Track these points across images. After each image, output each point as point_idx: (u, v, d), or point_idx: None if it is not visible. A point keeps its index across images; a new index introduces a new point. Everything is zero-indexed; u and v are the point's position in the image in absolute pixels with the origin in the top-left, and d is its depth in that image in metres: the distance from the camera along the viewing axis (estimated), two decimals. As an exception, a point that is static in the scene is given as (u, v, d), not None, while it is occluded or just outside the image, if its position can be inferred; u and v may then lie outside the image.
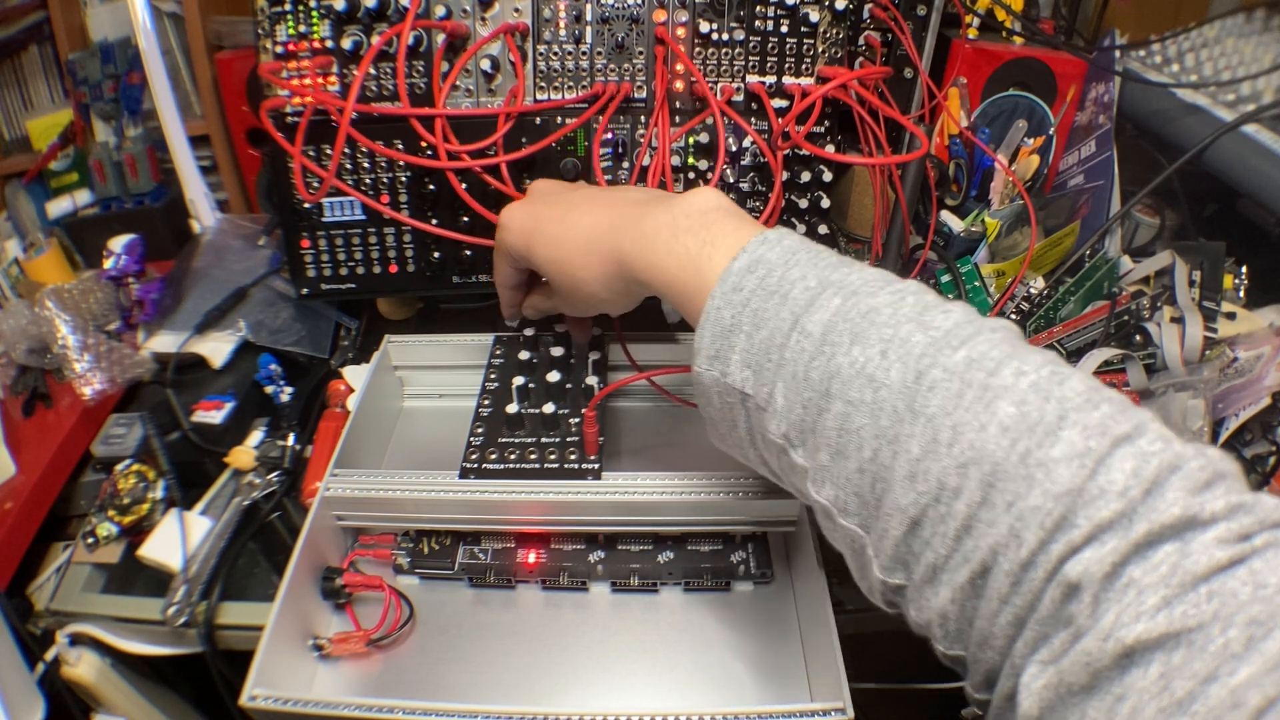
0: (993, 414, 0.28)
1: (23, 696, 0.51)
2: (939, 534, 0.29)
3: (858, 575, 0.35)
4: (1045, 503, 0.26)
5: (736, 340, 0.36)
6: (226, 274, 0.73)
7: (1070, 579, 0.25)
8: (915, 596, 0.31)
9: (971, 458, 0.28)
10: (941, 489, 0.29)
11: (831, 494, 0.33)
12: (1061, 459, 0.26)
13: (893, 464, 0.30)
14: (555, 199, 0.48)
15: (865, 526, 0.32)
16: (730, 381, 0.36)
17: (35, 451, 0.60)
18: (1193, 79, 0.74)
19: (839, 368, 0.32)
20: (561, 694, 0.48)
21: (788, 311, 0.34)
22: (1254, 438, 0.59)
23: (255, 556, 0.57)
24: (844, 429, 0.32)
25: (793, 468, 0.35)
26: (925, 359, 0.30)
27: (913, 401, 0.30)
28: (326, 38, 0.58)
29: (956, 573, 0.29)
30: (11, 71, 0.88)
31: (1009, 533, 0.27)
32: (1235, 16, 0.80)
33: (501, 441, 0.54)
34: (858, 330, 0.32)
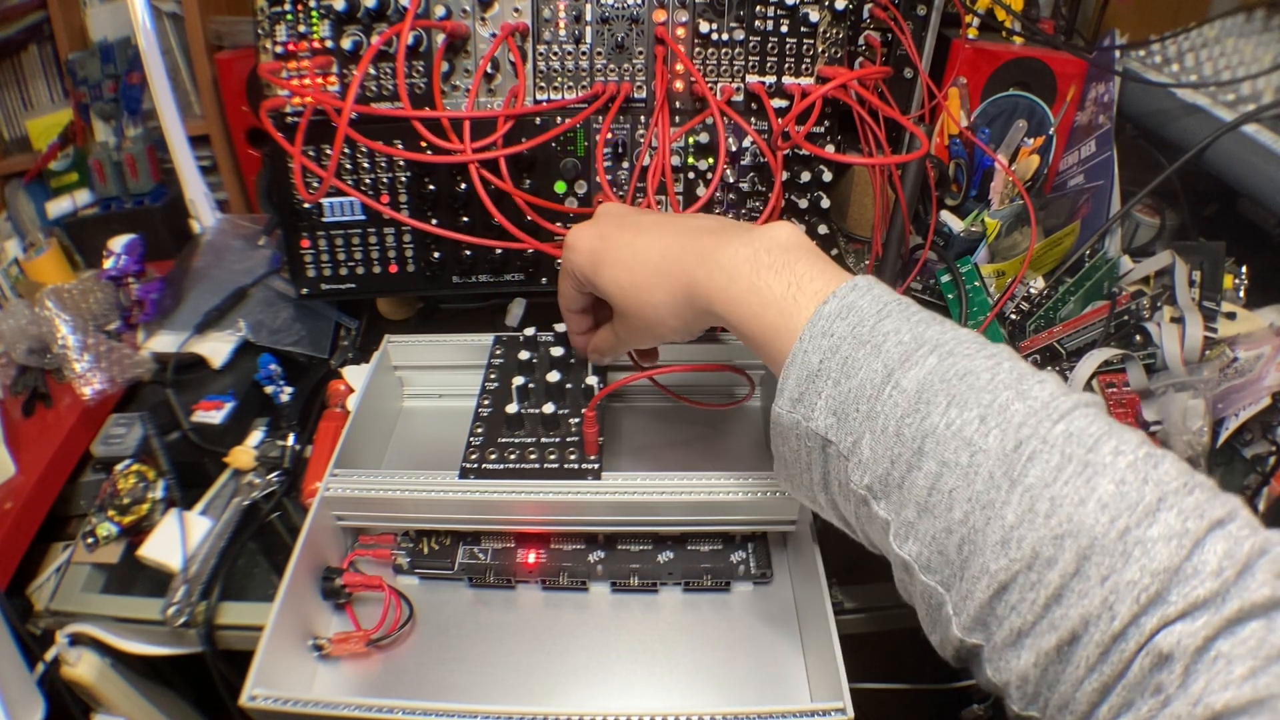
0: (1092, 490, 0.29)
1: (23, 696, 0.50)
2: (1027, 600, 0.29)
3: (928, 628, 0.35)
4: (1142, 578, 0.27)
5: (823, 386, 0.36)
6: (226, 274, 0.73)
7: (1162, 650, 0.26)
8: (994, 658, 0.31)
9: (1069, 530, 0.29)
10: (1035, 557, 0.29)
11: (915, 550, 0.33)
12: (1159, 538, 0.27)
13: (985, 529, 0.30)
14: (624, 222, 0.47)
15: (946, 585, 0.32)
16: (813, 426, 0.36)
17: (35, 451, 0.60)
18: (1193, 79, 0.74)
19: (934, 427, 0.32)
20: (561, 694, 0.48)
21: (880, 364, 0.34)
22: (1254, 438, 0.59)
23: (255, 556, 0.57)
24: (935, 488, 0.32)
25: (871, 518, 0.35)
26: (1025, 429, 0.31)
27: (1011, 469, 0.30)
28: (326, 38, 0.58)
29: (1042, 639, 0.29)
30: (11, 71, 0.88)
31: (1102, 604, 0.28)
32: (1235, 16, 0.80)
33: (501, 441, 0.54)
34: (955, 392, 0.32)
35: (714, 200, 0.65)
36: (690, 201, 0.64)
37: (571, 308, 0.52)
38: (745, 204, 0.65)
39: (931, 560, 0.33)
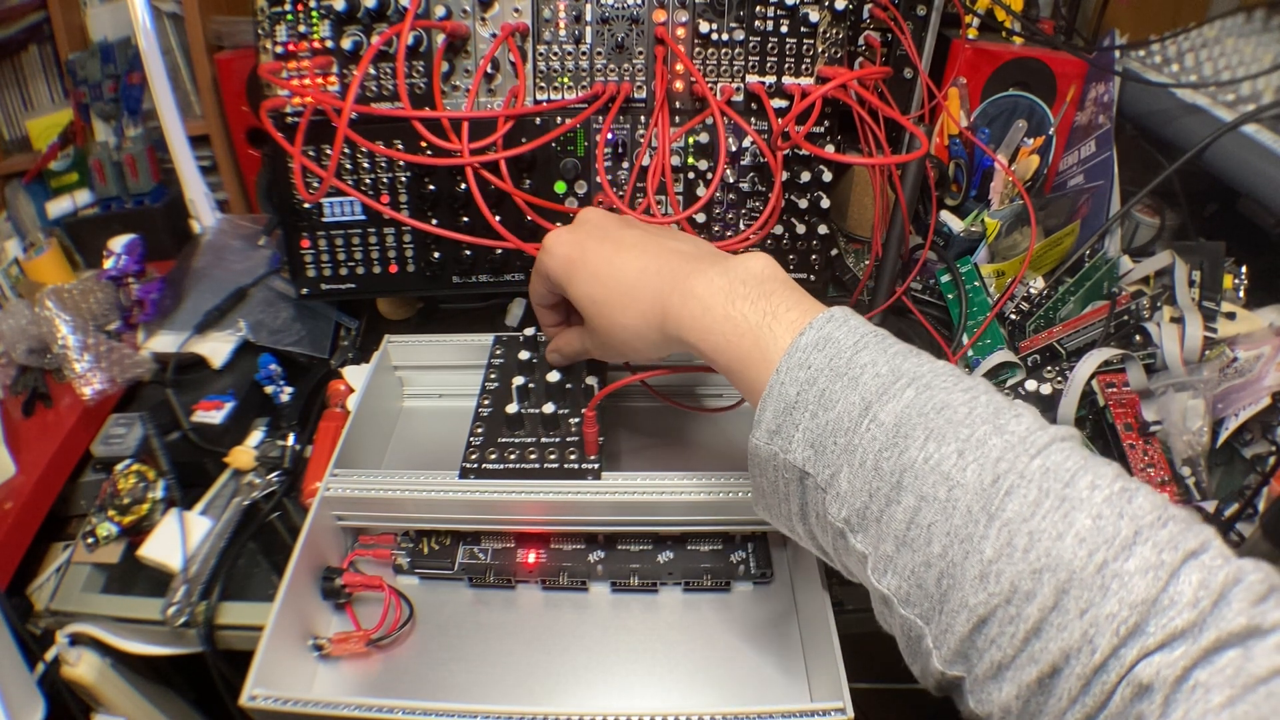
0: (1069, 524, 0.29)
1: (23, 696, 0.50)
2: (1007, 634, 0.30)
3: (909, 659, 0.35)
4: (1121, 611, 0.27)
5: (800, 418, 0.36)
6: (226, 274, 0.73)
7: (1142, 680, 0.27)
8: (975, 690, 0.32)
9: (1047, 564, 0.29)
10: (1014, 591, 0.29)
11: (894, 584, 0.33)
12: (1136, 571, 0.28)
13: (963, 563, 0.31)
14: (605, 234, 0.47)
15: (926, 618, 0.33)
16: (790, 459, 0.36)
17: (35, 451, 0.60)
18: (1193, 79, 0.74)
19: (912, 461, 0.32)
20: (561, 694, 0.48)
21: (858, 396, 0.34)
22: (1254, 438, 0.59)
23: (255, 556, 0.57)
24: (914, 523, 0.32)
25: (848, 550, 0.35)
26: (1002, 463, 0.31)
27: (989, 504, 0.30)
28: (326, 38, 0.58)
29: (1023, 671, 0.30)
30: (11, 71, 0.88)
31: (1082, 638, 0.28)
32: (1235, 16, 0.80)
33: (501, 441, 0.54)
34: (932, 426, 0.32)
35: (714, 200, 0.65)
36: (690, 201, 0.64)
37: (542, 304, 0.53)
38: (745, 204, 0.65)
39: (910, 594, 0.33)
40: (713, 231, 0.66)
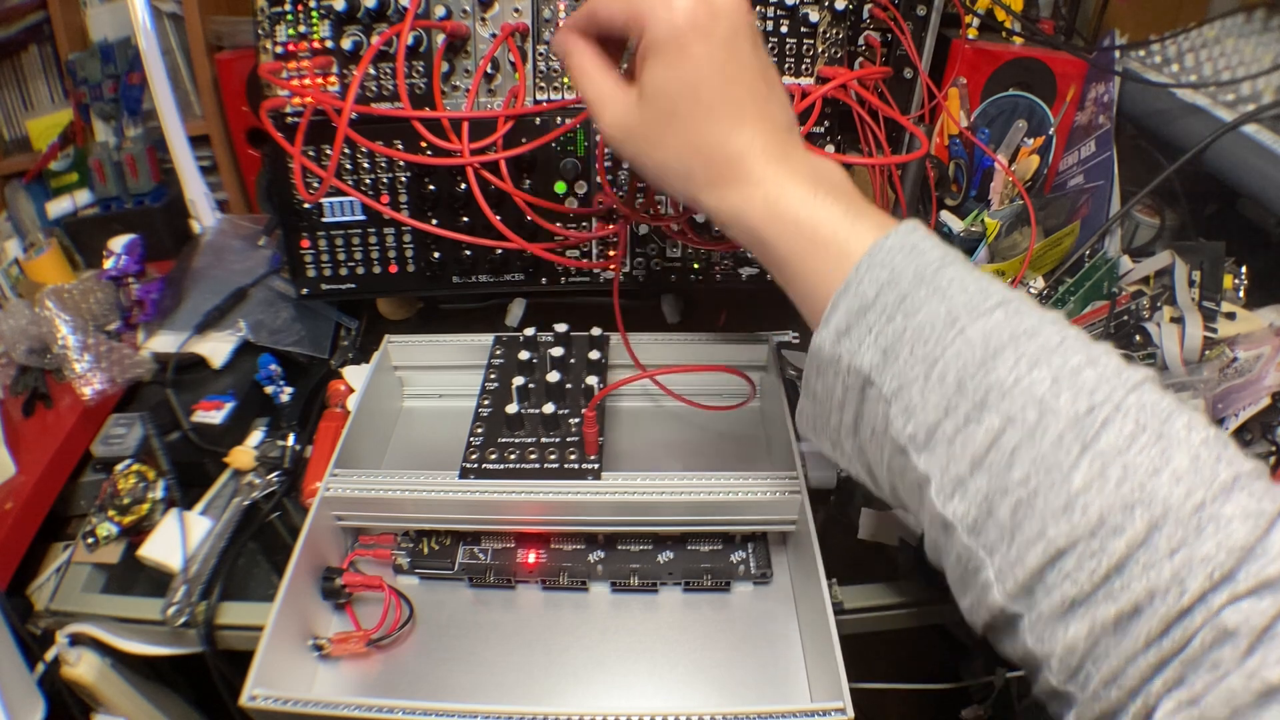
0: (1167, 460, 0.28)
1: (23, 696, 0.50)
2: (1086, 569, 0.28)
3: (958, 592, 0.34)
4: (1218, 554, 0.27)
5: (875, 321, 0.33)
6: (226, 274, 0.73)
7: (1227, 626, 0.26)
8: (1037, 627, 0.30)
9: (1140, 499, 0.28)
10: (1101, 525, 0.28)
11: (961, 509, 0.31)
12: (1235, 516, 0.27)
13: (1047, 492, 0.29)
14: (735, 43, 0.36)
15: (990, 549, 0.31)
16: (857, 363, 0.34)
17: (35, 451, 0.60)
18: (1193, 79, 0.74)
19: (1000, 381, 0.31)
20: (561, 694, 0.48)
21: (944, 308, 0.32)
22: (1254, 438, 0.59)
23: (255, 556, 0.57)
24: (996, 445, 0.30)
25: (906, 470, 0.33)
26: (1098, 394, 0.30)
27: (1083, 433, 0.29)
28: (326, 38, 0.58)
29: (1098, 609, 0.28)
30: (11, 71, 0.88)
31: (1172, 578, 0.27)
32: (1235, 16, 0.80)
33: (501, 441, 0.54)
34: (1024, 350, 0.31)
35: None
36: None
37: (601, 22, 0.39)
38: (745, 204, 0.65)
39: (979, 521, 0.31)
40: (713, 231, 0.66)
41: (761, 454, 0.62)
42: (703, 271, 0.68)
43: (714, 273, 0.68)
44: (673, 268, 0.68)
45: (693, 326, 0.73)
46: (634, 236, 0.66)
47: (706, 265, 0.68)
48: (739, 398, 0.60)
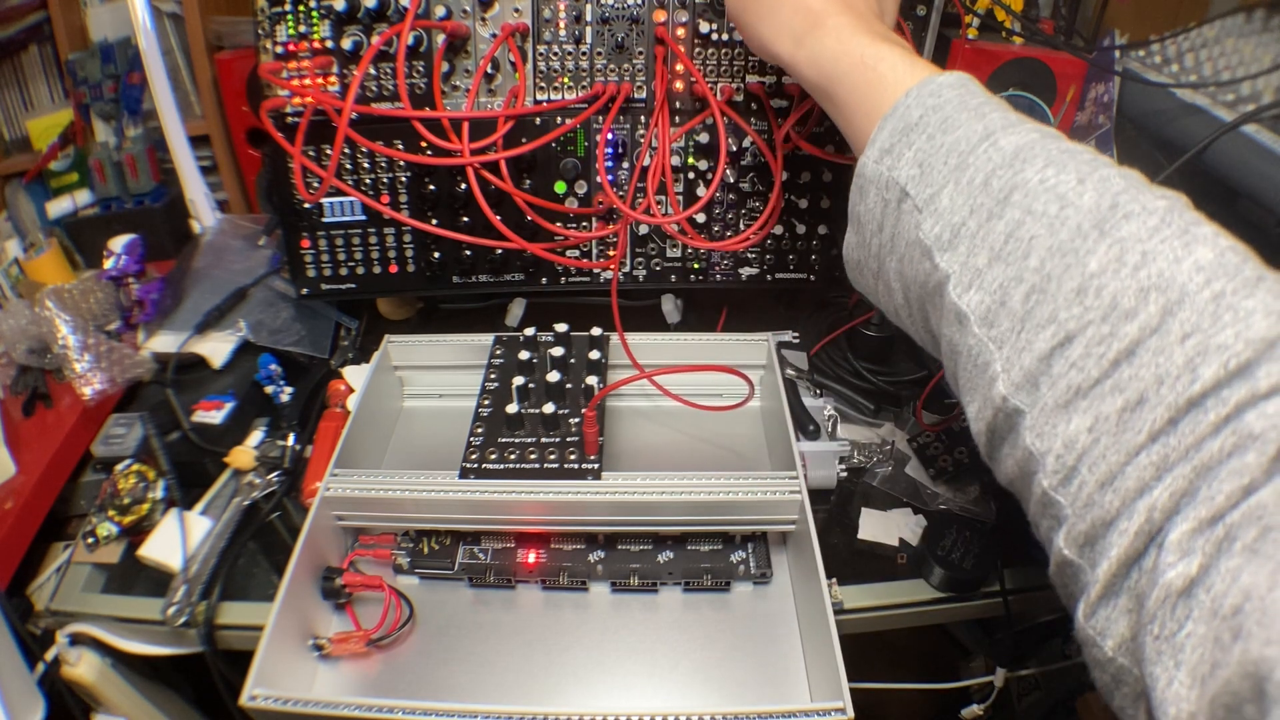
0: (1190, 252, 0.27)
1: (23, 696, 0.50)
2: (1094, 355, 0.27)
3: (966, 394, 0.33)
4: (1235, 344, 0.25)
5: (916, 139, 0.35)
6: (226, 274, 0.73)
7: (1253, 430, 0.24)
8: (1038, 422, 0.29)
9: (1157, 284, 0.27)
10: (1113, 308, 0.27)
11: (976, 300, 0.32)
12: (1258, 310, 0.25)
13: (1061, 276, 0.29)
14: None
15: (1000, 341, 0.31)
16: (895, 176, 0.35)
17: (35, 451, 0.60)
18: (1192, 79, 0.74)
19: (1026, 180, 0.31)
20: (561, 694, 0.48)
21: (981, 126, 0.34)
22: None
23: (255, 556, 0.57)
24: (1014, 235, 0.31)
25: (930, 273, 0.34)
26: (1125, 195, 0.29)
27: (1103, 223, 0.29)
28: (326, 38, 0.58)
29: (1104, 400, 0.27)
30: (11, 71, 0.88)
31: (1184, 365, 0.25)
32: (1235, 16, 0.80)
33: (501, 441, 0.54)
34: (1054, 157, 0.31)
35: (714, 200, 0.65)
36: (690, 201, 0.64)
37: None
38: (745, 204, 0.65)
39: (991, 310, 0.31)
40: (713, 231, 0.66)
41: (761, 454, 0.62)
42: (703, 271, 0.68)
43: (714, 273, 0.68)
44: (673, 268, 0.68)
45: (693, 326, 0.73)
46: (634, 236, 0.66)
47: (706, 265, 0.68)
48: (738, 398, 0.60)
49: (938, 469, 0.61)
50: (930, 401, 0.62)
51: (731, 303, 0.75)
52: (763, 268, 0.68)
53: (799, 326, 0.70)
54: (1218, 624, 0.23)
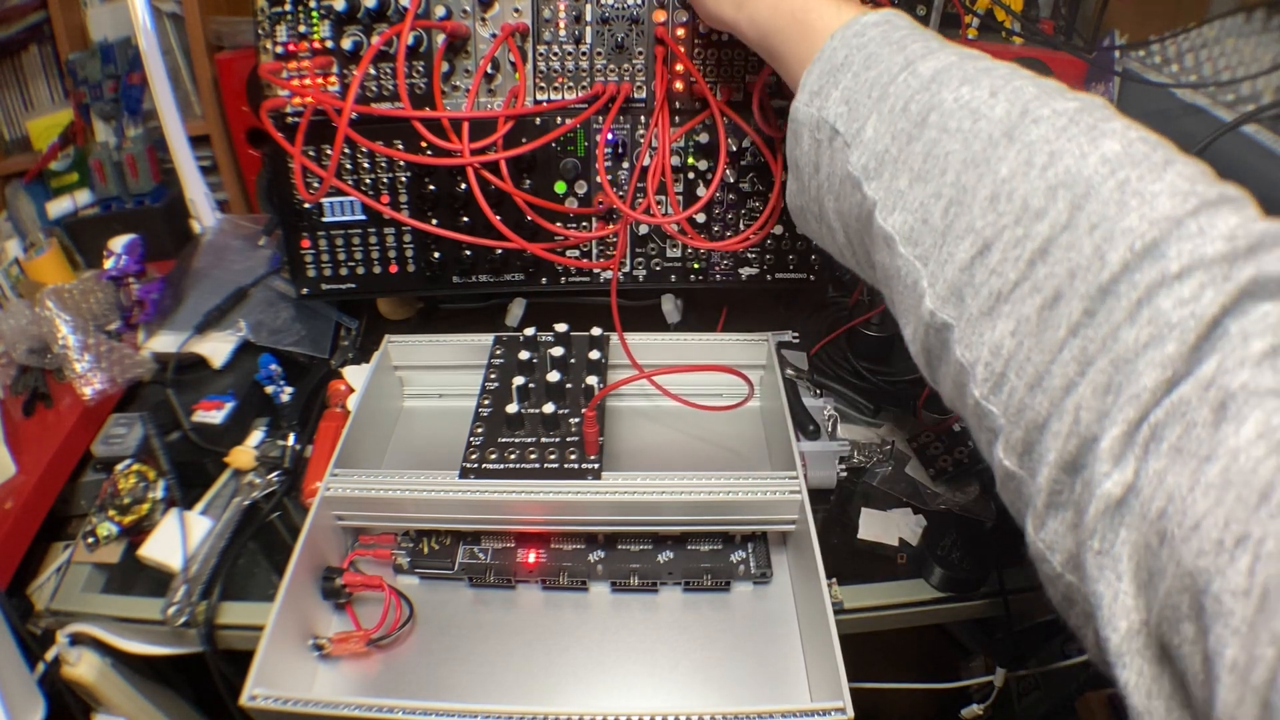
0: (1096, 146, 0.27)
1: (23, 696, 0.50)
2: (1010, 258, 0.28)
3: (903, 317, 0.34)
4: (1140, 225, 0.25)
5: (843, 78, 0.36)
6: (226, 274, 0.73)
7: (1170, 318, 0.23)
8: (965, 334, 0.30)
9: (1064, 180, 0.27)
10: (1024, 210, 0.28)
11: (899, 221, 0.32)
12: (1164, 192, 0.25)
13: (976, 186, 0.29)
14: None
15: (925, 258, 0.31)
16: (825, 115, 0.36)
17: (35, 451, 0.60)
18: (1192, 79, 0.74)
19: (941, 101, 0.32)
20: (561, 694, 0.48)
21: (902, 58, 0.34)
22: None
23: (255, 556, 0.57)
24: (931, 154, 0.31)
25: (861, 204, 0.35)
26: (1036, 101, 0.30)
27: (1012, 130, 0.29)
28: (326, 38, 0.58)
29: (1023, 302, 0.27)
30: (11, 71, 0.88)
31: (1093, 253, 0.25)
32: (1235, 16, 0.80)
33: (501, 441, 0.54)
34: (969, 75, 0.32)
35: (714, 200, 0.65)
36: (690, 201, 0.64)
37: None
38: (745, 204, 0.65)
39: (914, 229, 0.32)
40: (713, 231, 0.66)
41: (761, 454, 0.62)
42: (703, 271, 0.68)
43: (714, 273, 0.68)
44: (673, 268, 0.68)
45: (693, 326, 0.73)
46: (634, 236, 0.66)
47: (706, 265, 0.68)
48: (738, 398, 0.60)
49: (938, 469, 0.61)
50: (930, 401, 0.62)
51: (731, 303, 0.75)
52: (763, 268, 0.68)
53: (799, 326, 0.70)
54: (1146, 528, 0.23)
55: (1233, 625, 0.20)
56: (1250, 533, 0.20)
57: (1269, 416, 0.21)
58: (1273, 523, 0.20)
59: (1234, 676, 0.20)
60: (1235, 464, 0.21)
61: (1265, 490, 0.20)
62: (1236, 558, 0.20)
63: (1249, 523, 0.20)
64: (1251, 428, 0.21)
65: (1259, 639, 0.20)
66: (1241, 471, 0.21)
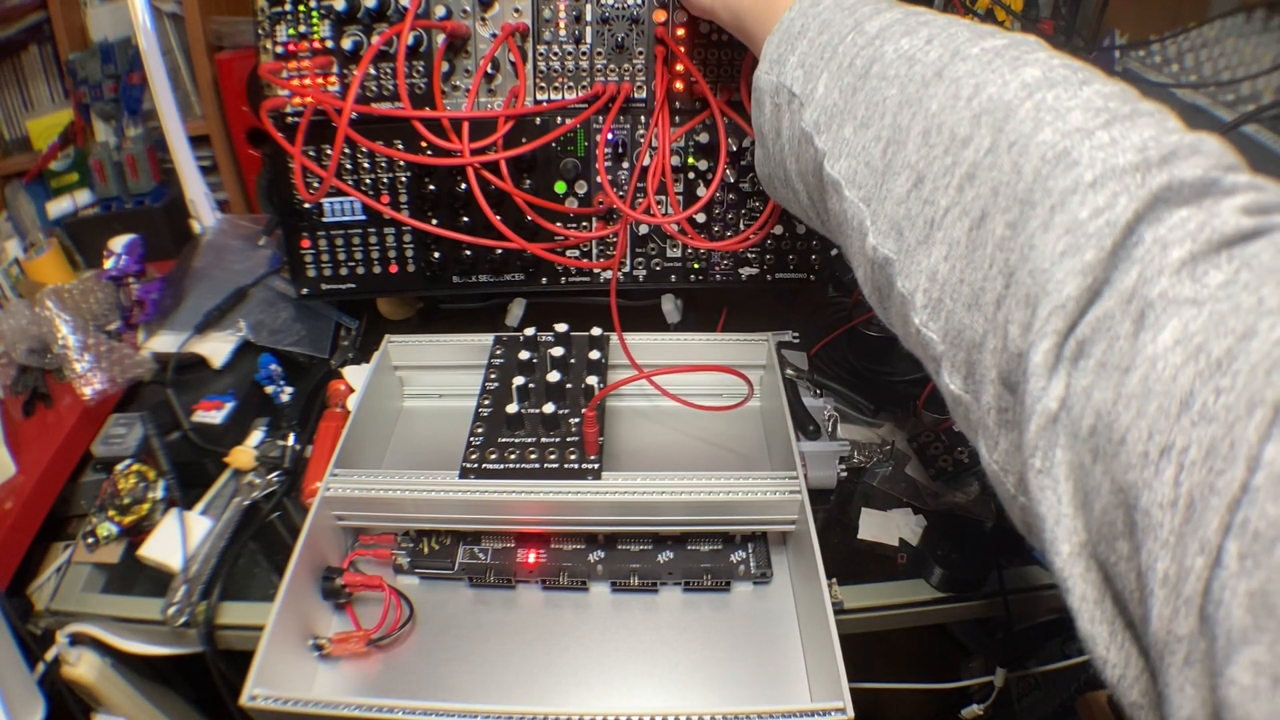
0: (1017, 74, 0.28)
1: (23, 696, 0.50)
2: (941, 186, 0.29)
3: (853, 259, 0.36)
4: (1053, 137, 0.26)
5: (799, 45, 0.38)
6: (226, 274, 0.73)
7: (1086, 229, 0.24)
8: (905, 265, 0.31)
9: (987, 108, 0.28)
10: (953, 140, 0.29)
11: (844, 166, 0.34)
12: (1078, 107, 0.26)
13: (910, 124, 0.31)
14: None
15: (868, 199, 0.33)
16: (783, 80, 0.38)
17: (35, 451, 0.60)
18: (1193, 79, 0.74)
19: (883, 54, 0.33)
20: (561, 694, 0.48)
21: (852, 20, 0.36)
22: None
23: (255, 556, 0.57)
24: (870, 101, 0.33)
25: (813, 159, 0.36)
26: (967, 43, 0.31)
27: (943, 69, 0.31)
28: (326, 38, 0.58)
29: (954, 226, 0.29)
30: (11, 71, 0.88)
31: (1011, 168, 0.27)
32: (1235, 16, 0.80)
33: (501, 441, 0.54)
34: (910, 28, 0.34)
35: (714, 200, 0.65)
36: (690, 201, 0.64)
37: None
38: (745, 204, 0.65)
39: (857, 173, 0.33)
40: (713, 231, 0.66)
41: (761, 454, 0.62)
42: (703, 271, 0.68)
43: (714, 273, 0.68)
44: (673, 268, 0.68)
45: (693, 326, 0.73)
46: (634, 236, 0.66)
47: (706, 265, 0.68)
48: (738, 398, 0.60)
49: (938, 469, 0.61)
50: (930, 401, 0.62)
51: (731, 303, 0.75)
52: (763, 268, 0.68)
53: (799, 326, 0.70)
54: (1079, 446, 0.23)
55: (1161, 538, 0.20)
56: (1174, 442, 0.20)
57: (1185, 324, 0.21)
58: (1195, 430, 0.20)
59: (1166, 589, 0.20)
60: (1154, 372, 0.21)
61: (1185, 399, 0.20)
62: (1162, 469, 0.20)
63: (1172, 432, 0.20)
64: (1169, 335, 0.21)
65: (1187, 549, 0.20)
66: (1161, 379, 0.21)
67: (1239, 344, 0.20)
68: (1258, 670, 0.17)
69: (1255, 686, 0.18)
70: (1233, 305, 0.21)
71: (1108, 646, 0.23)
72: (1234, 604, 0.18)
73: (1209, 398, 0.20)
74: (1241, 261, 0.21)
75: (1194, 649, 0.19)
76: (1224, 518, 0.19)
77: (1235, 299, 0.21)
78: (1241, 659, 0.18)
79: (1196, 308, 0.21)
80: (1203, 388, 0.20)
